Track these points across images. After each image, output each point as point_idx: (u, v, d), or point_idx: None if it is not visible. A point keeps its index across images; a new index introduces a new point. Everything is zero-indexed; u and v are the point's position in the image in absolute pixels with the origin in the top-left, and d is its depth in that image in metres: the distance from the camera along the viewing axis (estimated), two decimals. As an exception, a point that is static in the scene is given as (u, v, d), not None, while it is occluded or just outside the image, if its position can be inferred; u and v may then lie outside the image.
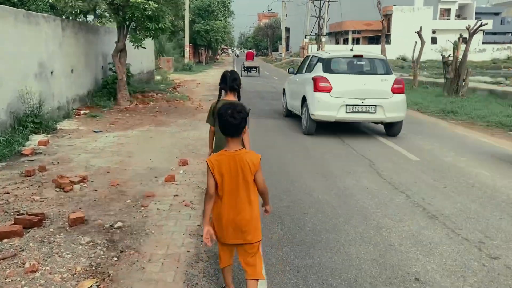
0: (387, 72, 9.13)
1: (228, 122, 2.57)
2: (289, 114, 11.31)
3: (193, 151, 7.34)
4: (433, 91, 18.21)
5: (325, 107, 8.66)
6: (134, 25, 12.54)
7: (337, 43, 64.64)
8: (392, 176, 6.13)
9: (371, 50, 52.64)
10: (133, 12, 11.52)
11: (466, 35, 17.62)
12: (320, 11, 38.60)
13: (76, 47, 11.63)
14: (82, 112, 11.09)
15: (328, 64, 9.13)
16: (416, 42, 20.58)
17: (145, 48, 12.57)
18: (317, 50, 39.30)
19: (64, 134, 8.42)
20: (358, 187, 5.55)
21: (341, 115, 8.66)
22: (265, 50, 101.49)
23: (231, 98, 3.83)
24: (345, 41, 62.90)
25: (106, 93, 13.05)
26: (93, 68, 13.07)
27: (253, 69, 30.31)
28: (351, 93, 8.62)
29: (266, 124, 10.47)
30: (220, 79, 3.90)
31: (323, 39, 37.90)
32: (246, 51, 43.77)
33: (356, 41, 62.56)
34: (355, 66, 9.29)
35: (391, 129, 9.19)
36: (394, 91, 8.81)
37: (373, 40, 61.78)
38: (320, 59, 9.50)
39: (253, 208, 2.66)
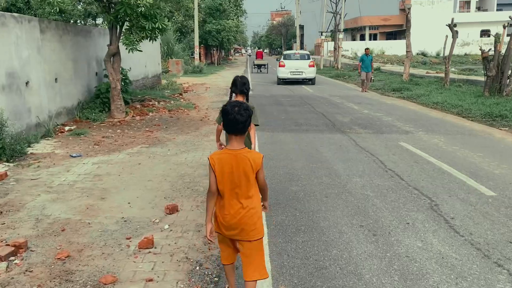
0: (308, 58, 22.24)
1: (236, 119, 2.57)
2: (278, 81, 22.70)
3: (188, 186, 5.55)
4: (469, 91, 16.11)
5: (282, 73, 21.74)
6: (128, 24, 10.84)
7: (353, 39, 62.30)
8: (470, 228, 4.24)
9: (392, 46, 50.70)
10: (125, 9, 9.83)
11: (486, 28, 15.49)
12: (336, 6, 36.46)
13: (61, 52, 9.99)
14: (67, 128, 9.43)
15: (285, 56, 22.95)
16: (447, 36, 18.50)
17: (141, 51, 10.85)
18: (334, 47, 37.19)
19: (32, 162, 6.73)
20: (429, 255, 3.68)
21: (289, 76, 21.55)
22: (279, 49, 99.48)
23: (240, 99, 4.01)
24: (362, 37, 60.53)
25: (99, 103, 11.37)
26: (85, 75, 11.42)
27: (262, 66, 34.68)
28: (292, 67, 21.47)
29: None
30: (231, 83, 4.14)
31: (340, 36, 35.71)
32: (256, 50, 50.25)
33: (373, 37, 60.17)
34: (295, 56, 22.63)
35: (311, 80, 21.88)
36: (310, 66, 21.62)
37: (391, 35, 59.24)
38: (283, 54, 23.63)
39: (253, 206, 2.66)
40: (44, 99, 9.08)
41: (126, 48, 10.47)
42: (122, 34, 10.78)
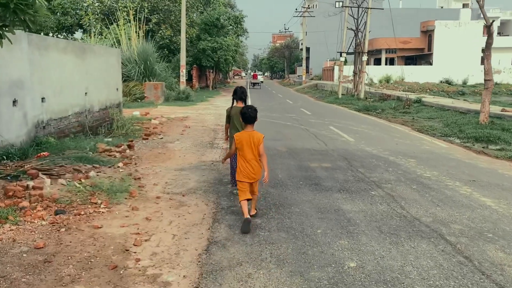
0: (262, 75, 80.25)
1: (250, 114, 4.94)
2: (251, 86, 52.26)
3: None
4: None
5: (253, 80, 56.65)
6: None
7: (367, 64, 55.61)
8: None
9: (412, 72, 43.72)
10: None
11: None
12: (358, 22, 29.84)
13: None
14: None
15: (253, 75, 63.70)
16: None
17: None
18: (354, 72, 30.43)
19: None
20: None
21: (256, 81, 53.87)
22: (281, 73, 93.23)
23: (240, 105, 5.96)
24: (377, 61, 53.91)
25: None
26: None
27: (257, 84, 51.05)
28: (258, 78, 57.17)
29: None
30: (233, 92, 6.14)
31: (364, 58, 28.94)
32: (252, 73, 68.98)
33: (390, 61, 53.50)
34: (258, 73, 64.36)
35: (262, 82, 60.79)
36: (263, 78, 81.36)
37: (411, 60, 52.56)
38: (252, 74, 68.73)
39: (259, 163, 5.00)
40: None
41: None
42: None
